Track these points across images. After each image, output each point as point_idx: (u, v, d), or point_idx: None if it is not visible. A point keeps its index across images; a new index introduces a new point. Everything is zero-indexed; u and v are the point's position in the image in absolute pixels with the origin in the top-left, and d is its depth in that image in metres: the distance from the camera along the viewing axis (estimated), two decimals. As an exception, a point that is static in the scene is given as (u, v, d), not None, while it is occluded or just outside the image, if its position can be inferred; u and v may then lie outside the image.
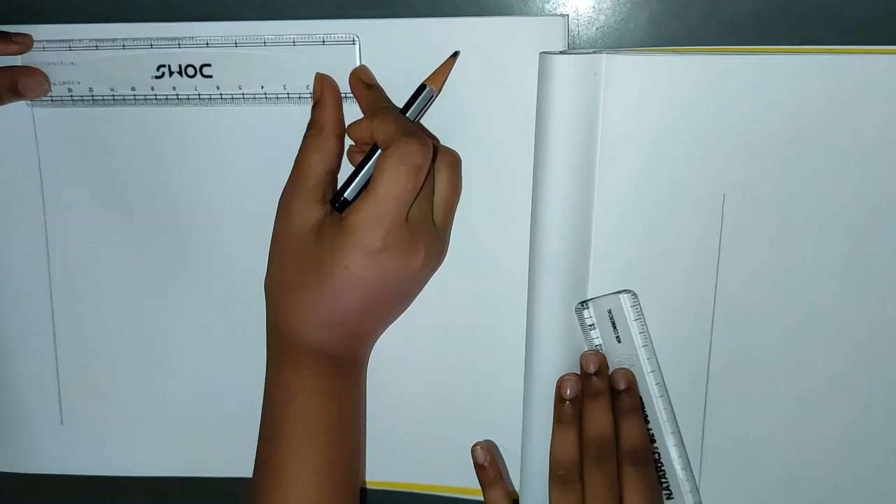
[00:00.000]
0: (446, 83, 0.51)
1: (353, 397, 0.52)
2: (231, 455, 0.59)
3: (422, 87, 0.50)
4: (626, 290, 0.51)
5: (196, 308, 0.57)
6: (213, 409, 0.58)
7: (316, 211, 0.49)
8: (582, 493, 0.49)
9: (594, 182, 0.50)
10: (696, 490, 0.53)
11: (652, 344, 0.52)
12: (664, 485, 0.53)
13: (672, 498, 0.53)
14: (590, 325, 0.52)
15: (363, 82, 0.51)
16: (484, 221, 0.53)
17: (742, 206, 0.49)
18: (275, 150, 0.51)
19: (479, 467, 0.53)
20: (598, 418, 0.50)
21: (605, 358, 0.51)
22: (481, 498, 0.54)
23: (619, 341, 0.52)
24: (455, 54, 0.50)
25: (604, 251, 0.51)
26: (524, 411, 0.53)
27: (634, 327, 0.52)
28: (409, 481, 0.58)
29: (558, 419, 0.51)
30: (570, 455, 0.50)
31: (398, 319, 0.54)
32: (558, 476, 0.50)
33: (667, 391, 0.52)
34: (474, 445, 0.54)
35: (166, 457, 0.60)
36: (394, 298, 0.51)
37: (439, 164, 0.50)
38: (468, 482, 0.56)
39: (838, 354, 0.51)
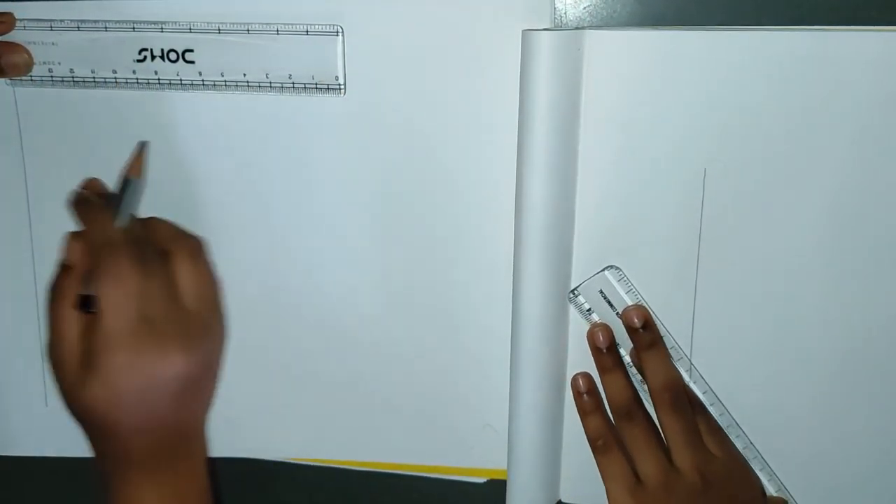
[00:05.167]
0: (431, 59, 0.51)
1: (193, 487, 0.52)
2: (214, 435, 0.59)
3: (126, 181, 0.51)
4: (608, 267, 0.52)
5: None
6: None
7: None
8: (645, 425, 0.51)
9: (577, 158, 0.50)
10: (751, 445, 0.53)
11: (654, 311, 0.52)
12: None
13: None
14: (587, 310, 0.52)
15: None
16: (468, 198, 0.53)
17: (723, 181, 0.50)
18: (256, 138, 0.51)
19: (577, 395, 0.53)
20: (664, 367, 0.51)
21: (647, 311, 0.52)
22: (466, 478, 0.55)
23: (620, 317, 0.52)
24: (144, 144, 0.53)
25: (587, 226, 0.51)
26: (511, 389, 0.54)
27: (629, 300, 0.52)
28: (397, 461, 0.58)
29: (603, 368, 0.52)
30: (627, 393, 0.52)
31: (388, 306, 0.54)
32: (621, 415, 0.52)
33: (685, 353, 0.52)
34: (575, 375, 0.53)
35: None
36: (173, 396, 0.48)
37: (178, 255, 0.49)
38: (455, 461, 0.57)
39: (820, 327, 0.51)
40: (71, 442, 0.59)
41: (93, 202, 0.50)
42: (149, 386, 0.47)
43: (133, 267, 0.47)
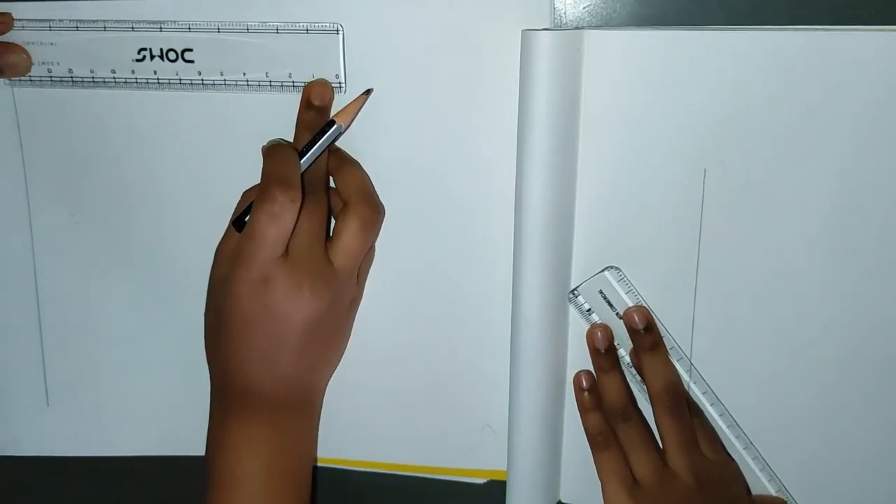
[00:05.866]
0: (432, 56, 0.50)
1: (298, 443, 0.53)
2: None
3: (330, 123, 0.50)
4: (608, 267, 0.52)
5: (179, 288, 0.57)
6: (198, 389, 0.58)
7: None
8: (640, 426, 0.52)
9: (577, 158, 0.50)
10: (751, 446, 0.53)
11: (653, 311, 0.52)
12: None
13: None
14: (587, 311, 0.52)
15: (309, 100, 0.51)
16: (468, 198, 0.53)
17: (723, 181, 0.50)
18: (255, 138, 0.51)
19: (579, 391, 0.53)
20: (664, 369, 0.51)
21: (649, 312, 0.52)
22: (466, 478, 0.55)
23: (620, 317, 0.52)
24: (367, 91, 0.51)
25: (587, 226, 0.51)
26: (511, 390, 0.53)
27: (629, 300, 0.52)
28: (397, 461, 0.58)
29: (600, 369, 0.52)
30: (623, 394, 0.52)
31: (388, 306, 0.54)
32: (616, 415, 0.52)
33: (685, 353, 0.52)
34: (578, 372, 0.53)
35: (152, 436, 0.60)
36: (299, 336, 0.49)
37: (350, 214, 0.50)
38: (455, 462, 0.57)
39: (820, 327, 0.51)
40: (71, 442, 0.60)
41: (279, 143, 0.50)
42: (269, 313, 0.48)
43: (286, 203, 0.47)
